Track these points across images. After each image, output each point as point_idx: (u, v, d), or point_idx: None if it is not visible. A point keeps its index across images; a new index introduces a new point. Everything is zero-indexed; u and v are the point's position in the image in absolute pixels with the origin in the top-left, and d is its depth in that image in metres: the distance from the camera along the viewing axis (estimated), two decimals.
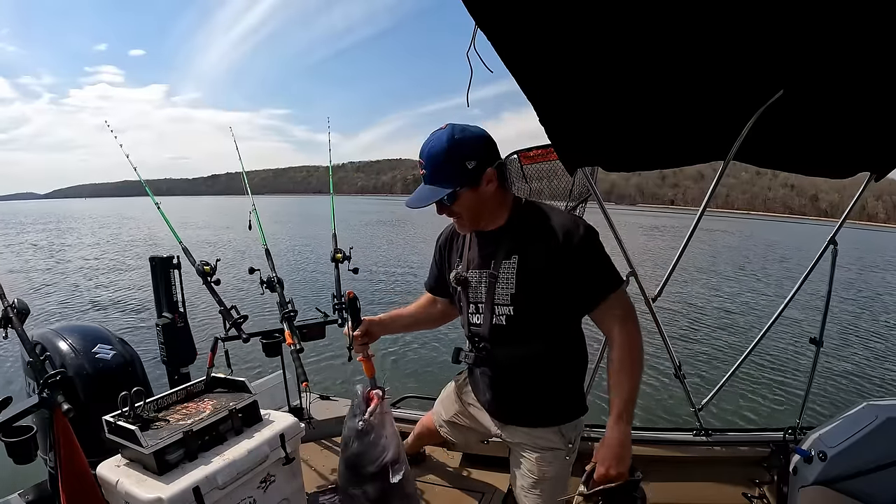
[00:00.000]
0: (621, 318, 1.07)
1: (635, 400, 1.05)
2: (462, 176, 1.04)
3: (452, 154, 1.02)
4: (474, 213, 1.11)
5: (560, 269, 1.06)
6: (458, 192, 1.05)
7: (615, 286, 1.08)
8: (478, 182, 1.05)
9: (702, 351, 6.20)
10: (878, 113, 1.21)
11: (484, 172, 1.05)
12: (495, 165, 1.06)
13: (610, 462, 1.02)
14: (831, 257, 1.78)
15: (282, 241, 18.04)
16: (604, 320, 1.10)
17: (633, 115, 1.24)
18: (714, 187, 1.55)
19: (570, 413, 1.21)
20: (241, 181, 2.46)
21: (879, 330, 7.87)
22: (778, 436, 1.81)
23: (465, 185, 1.05)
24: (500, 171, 1.09)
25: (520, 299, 1.11)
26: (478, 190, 1.06)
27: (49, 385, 1.16)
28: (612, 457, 1.02)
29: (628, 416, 1.04)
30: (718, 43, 0.92)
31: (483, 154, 1.05)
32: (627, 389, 1.04)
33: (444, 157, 1.03)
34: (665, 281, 1.69)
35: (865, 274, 15.39)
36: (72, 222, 33.86)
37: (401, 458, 1.16)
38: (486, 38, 0.81)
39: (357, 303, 1.32)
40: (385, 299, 8.57)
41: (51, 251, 16.05)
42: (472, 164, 1.03)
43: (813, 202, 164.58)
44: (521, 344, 1.15)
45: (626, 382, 1.04)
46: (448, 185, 1.04)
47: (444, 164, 1.03)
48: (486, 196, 1.08)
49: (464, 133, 1.04)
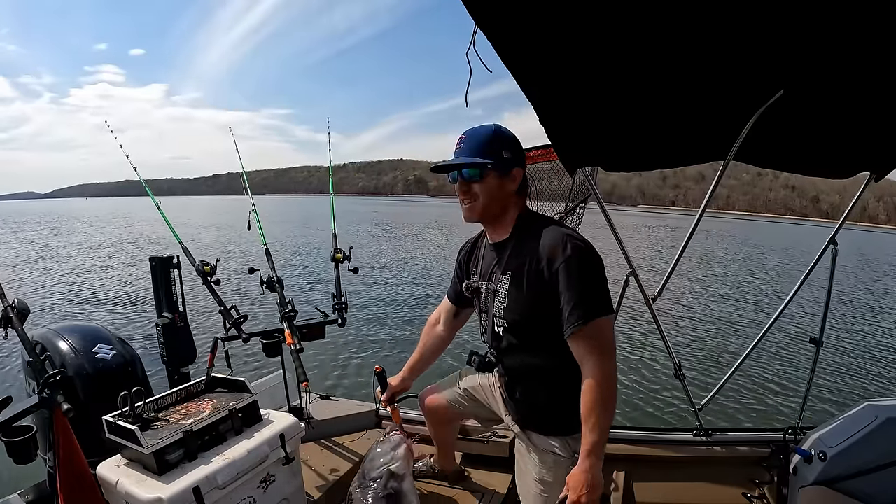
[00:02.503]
0: (598, 351, 1.05)
1: (606, 435, 1.06)
2: (497, 158, 1.13)
3: (496, 139, 1.14)
4: (489, 200, 1.16)
5: (542, 291, 1.09)
6: (488, 172, 1.14)
7: (594, 316, 1.04)
8: (507, 172, 1.14)
9: (702, 351, 6.20)
10: (878, 113, 1.21)
11: (514, 167, 1.15)
12: (525, 171, 1.19)
13: (581, 490, 1.04)
14: (831, 257, 1.78)
15: (282, 241, 18.04)
16: (577, 350, 1.07)
17: (632, 115, 1.24)
18: (714, 188, 1.55)
19: (576, 425, 1.18)
20: (241, 181, 2.46)
21: (879, 330, 7.87)
22: (778, 436, 1.81)
23: (497, 168, 1.13)
24: (525, 179, 1.19)
25: (508, 316, 1.17)
26: (503, 180, 1.15)
27: (49, 385, 1.16)
28: (583, 484, 1.04)
29: (599, 452, 1.06)
30: (718, 43, 0.92)
31: (519, 153, 1.17)
32: (600, 430, 1.04)
33: (488, 138, 1.14)
34: (665, 281, 1.70)
35: (866, 274, 15.40)
36: (72, 222, 33.89)
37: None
38: (485, 38, 0.81)
39: (384, 375, 1.62)
40: (385, 299, 8.57)
41: (51, 251, 16.05)
42: (507, 154, 1.14)
43: (814, 203, 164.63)
44: (520, 354, 1.21)
45: (599, 423, 1.04)
46: (483, 158, 1.13)
47: (486, 144, 1.14)
48: (506, 188, 1.16)
49: (507, 131, 1.17)
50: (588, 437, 1.05)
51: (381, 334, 6.47)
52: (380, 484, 1.42)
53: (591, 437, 1.04)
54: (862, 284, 12.89)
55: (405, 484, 1.44)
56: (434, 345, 1.55)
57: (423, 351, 1.57)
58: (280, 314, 1.93)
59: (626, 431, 2.00)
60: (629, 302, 1.87)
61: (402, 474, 1.44)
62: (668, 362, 1.90)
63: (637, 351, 5.77)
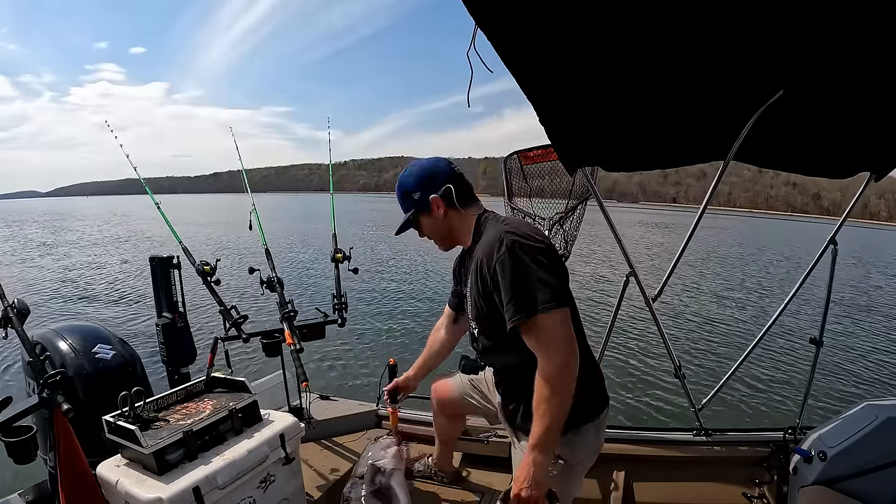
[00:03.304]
0: (544, 347, 1.04)
1: (555, 433, 1.04)
2: (413, 205, 1.25)
3: (401, 190, 1.27)
4: (437, 234, 1.29)
5: (489, 292, 1.12)
6: (418, 218, 1.27)
7: (532, 312, 1.03)
8: (428, 208, 1.24)
9: (702, 351, 6.20)
10: (878, 113, 1.21)
11: (427, 197, 1.23)
12: (441, 192, 1.22)
13: (522, 484, 1.05)
14: (831, 257, 1.78)
15: (282, 241, 18.04)
16: (528, 345, 1.07)
17: (632, 115, 1.24)
18: (713, 188, 1.54)
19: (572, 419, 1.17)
20: (242, 179, 2.46)
21: (879, 330, 7.87)
22: (778, 436, 1.81)
23: (419, 212, 1.26)
24: (448, 196, 1.23)
25: (477, 319, 1.23)
26: (430, 214, 1.25)
27: (49, 385, 1.16)
28: (524, 478, 1.05)
29: (544, 446, 1.05)
30: (718, 43, 0.92)
31: (425, 185, 1.23)
32: (543, 425, 1.03)
33: (398, 193, 1.28)
34: (665, 281, 1.69)
35: (866, 273, 15.39)
36: (73, 221, 33.88)
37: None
38: (485, 38, 0.81)
39: (396, 369, 1.79)
40: (385, 299, 8.56)
41: (51, 250, 16.06)
42: (417, 195, 1.24)
43: (815, 200, 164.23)
44: (496, 355, 1.24)
45: (543, 417, 1.03)
46: (407, 211, 1.27)
47: (401, 199, 1.28)
48: (439, 218, 1.25)
49: (410, 171, 1.27)
50: (534, 430, 1.05)
51: (381, 334, 6.47)
52: (367, 479, 1.51)
53: (536, 431, 1.05)
54: (862, 283, 12.88)
55: (393, 479, 1.49)
56: (437, 349, 1.59)
57: (427, 354, 1.61)
58: (280, 314, 1.93)
59: (626, 431, 2.00)
60: (629, 302, 1.87)
61: (389, 469, 1.50)
62: (668, 362, 1.90)
63: (637, 351, 5.78)
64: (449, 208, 1.23)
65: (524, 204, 2.30)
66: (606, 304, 8.20)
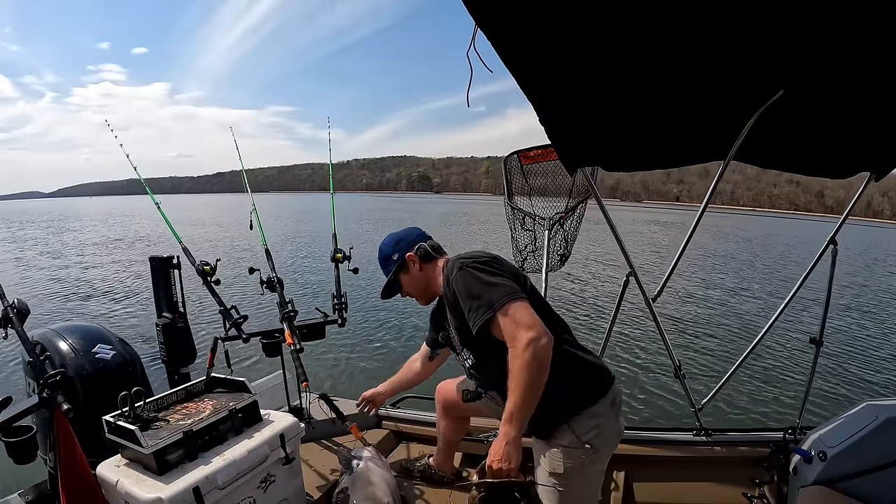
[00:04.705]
0: (507, 335, 1.12)
1: (527, 407, 1.09)
2: (393, 264, 1.43)
3: (382, 256, 1.47)
4: (417, 290, 1.44)
5: (459, 313, 1.23)
6: (398, 279, 1.44)
7: (487, 315, 1.13)
8: (405, 267, 1.42)
9: (702, 351, 6.20)
10: (878, 113, 1.21)
11: (403, 256, 1.41)
12: (415, 250, 1.41)
13: (494, 457, 1.11)
14: (831, 257, 1.78)
15: (282, 241, 18.03)
16: (503, 340, 1.14)
17: (632, 115, 1.24)
18: (713, 188, 1.54)
19: (572, 407, 1.23)
20: (242, 179, 2.46)
21: (879, 330, 7.87)
22: (778, 436, 1.81)
23: (398, 271, 1.43)
24: (422, 253, 1.41)
25: (464, 344, 1.35)
26: (409, 272, 1.43)
27: (49, 385, 1.16)
28: (496, 452, 1.11)
29: (517, 420, 1.10)
30: (719, 43, 0.92)
31: (400, 248, 1.43)
32: (514, 398, 1.09)
33: (380, 260, 1.47)
34: (665, 281, 1.69)
35: (867, 272, 15.38)
36: (74, 221, 33.90)
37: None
38: (485, 38, 0.81)
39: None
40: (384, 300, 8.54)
41: (52, 250, 16.06)
42: (395, 255, 1.43)
43: (818, 199, 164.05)
44: (493, 369, 1.27)
45: (514, 391, 1.09)
46: (389, 275, 1.45)
47: (382, 264, 1.47)
48: (416, 274, 1.42)
49: (387, 240, 1.47)
50: (507, 405, 1.11)
51: (381, 334, 6.47)
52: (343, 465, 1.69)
53: (508, 405, 1.10)
54: (863, 283, 12.88)
55: (371, 462, 1.68)
56: (409, 377, 1.82)
57: (399, 379, 1.84)
58: (280, 314, 1.93)
59: (627, 431, 2.00)
60: (629, 302, 1.87)
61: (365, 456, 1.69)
62: (668, 362, 1.90)
63: (637, 351, 5.78)
64: (423, 262, 1.41)
65: (524, 203, 2.30)
66: (606, 304, 8.20)
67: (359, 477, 1.63)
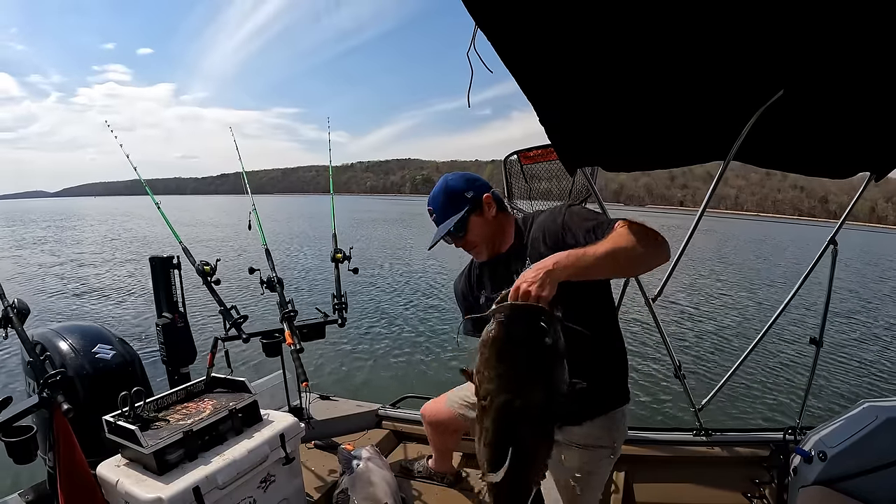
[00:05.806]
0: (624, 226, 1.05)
1: (598, 261, 0.96)
2: (467, 203, 1.21)
3: (451, 191, 1.23)
4: (486, 237, 1.24)
5: (560, 246, 1.08)
6: (468, 219, 1.21)
7: (614, 222, 1.08)
8: (481, 206, 1.21)
9: (702, 351, 6.20)
10: (879, 113, 1.21)
11: (482, 196, 1.21)
12: (491, 192, 1.23)
13: (527, 279, 0.90)
14: (831, 257, 1.78)
15: (282, 241, 18.03)
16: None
17: (632, 115, 1.24)
18: (714, 188, 1.54)
19: (615, 399, 1.22)
20: (242, 180, 2.47)
21: (879, 330, 7.87)
22: (778, 436, 1.81)
23: (471, 211, 1.21)
24: (497, 198, 1.24)
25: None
26: (483, 214, 1.22)
27: (49, 385, 1.16)
28: (531, 276, 0.91)
29: (576, 259, 0.95)
30: (719, 42, 0.92)
31: (477, 185, 1.23)
32: (596, 246, 0.98)
33: (448, 196, 1.22)
34: (665, 281, 1.69)
35: (869, 275, 15.38)
36: (76, 220, 33.90)
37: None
38: (485, 39, 0.81)
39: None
40: (385, 299, 8.56)
41: (53, 250, 16.05)
42: (470, 193, 1.21)
43: (822, 204, 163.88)
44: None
45: (603, 242, 0.99)
46: (458, 213, 1.20)
47: (450, 201, 1.22)
48: (490, 219, 1.23)
49: (454, 178, 1.25)
50: (584, 247, 0.99)
51: (381, 334, 6.46)
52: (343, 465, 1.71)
53: (586, 248, 0.98)
54: (863, 285, 12.88)
55: (371, 462, 1.69)
56: None
57: None
58: (280, 314, 1.92)
59: (627, 431, 2.00)
60: (629, 302, 1.87)
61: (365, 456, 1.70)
62: (668, 362, 1.90)
63: (637, 351, 5.77)
64: (499, 210, 1.24)
65: (524, 204, 2.30)
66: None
67: (359, 477, 1.63)
